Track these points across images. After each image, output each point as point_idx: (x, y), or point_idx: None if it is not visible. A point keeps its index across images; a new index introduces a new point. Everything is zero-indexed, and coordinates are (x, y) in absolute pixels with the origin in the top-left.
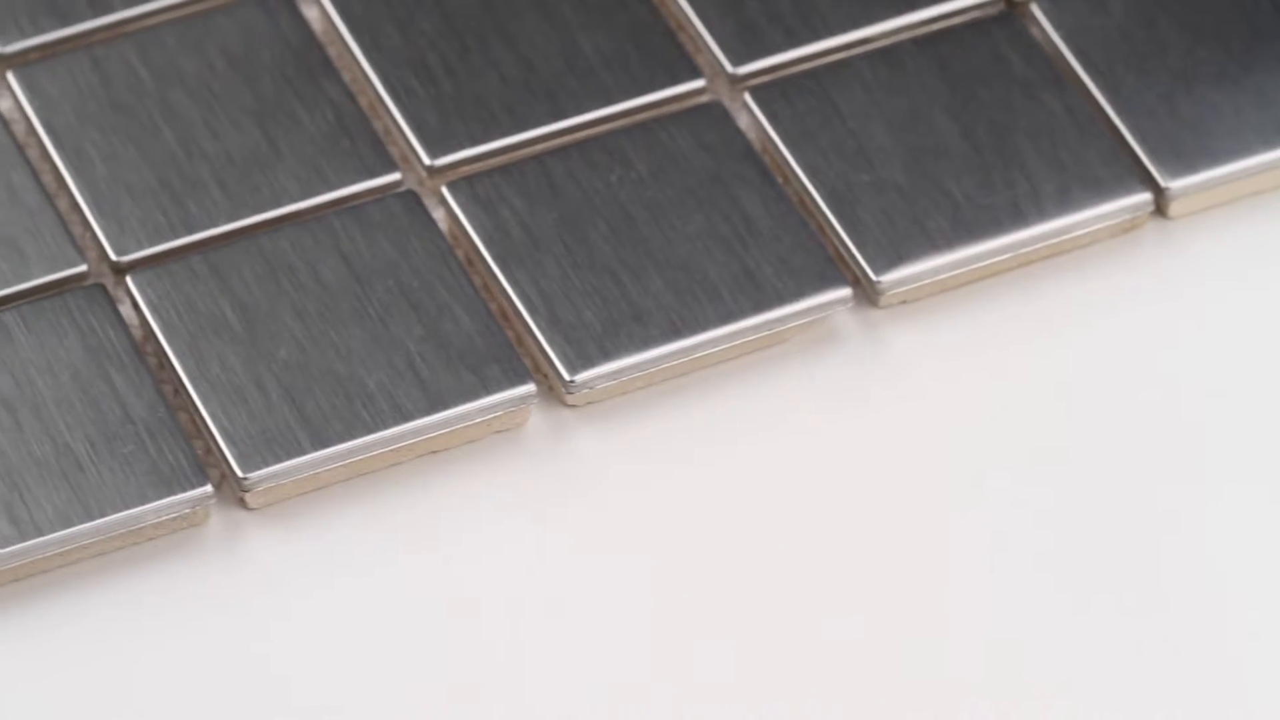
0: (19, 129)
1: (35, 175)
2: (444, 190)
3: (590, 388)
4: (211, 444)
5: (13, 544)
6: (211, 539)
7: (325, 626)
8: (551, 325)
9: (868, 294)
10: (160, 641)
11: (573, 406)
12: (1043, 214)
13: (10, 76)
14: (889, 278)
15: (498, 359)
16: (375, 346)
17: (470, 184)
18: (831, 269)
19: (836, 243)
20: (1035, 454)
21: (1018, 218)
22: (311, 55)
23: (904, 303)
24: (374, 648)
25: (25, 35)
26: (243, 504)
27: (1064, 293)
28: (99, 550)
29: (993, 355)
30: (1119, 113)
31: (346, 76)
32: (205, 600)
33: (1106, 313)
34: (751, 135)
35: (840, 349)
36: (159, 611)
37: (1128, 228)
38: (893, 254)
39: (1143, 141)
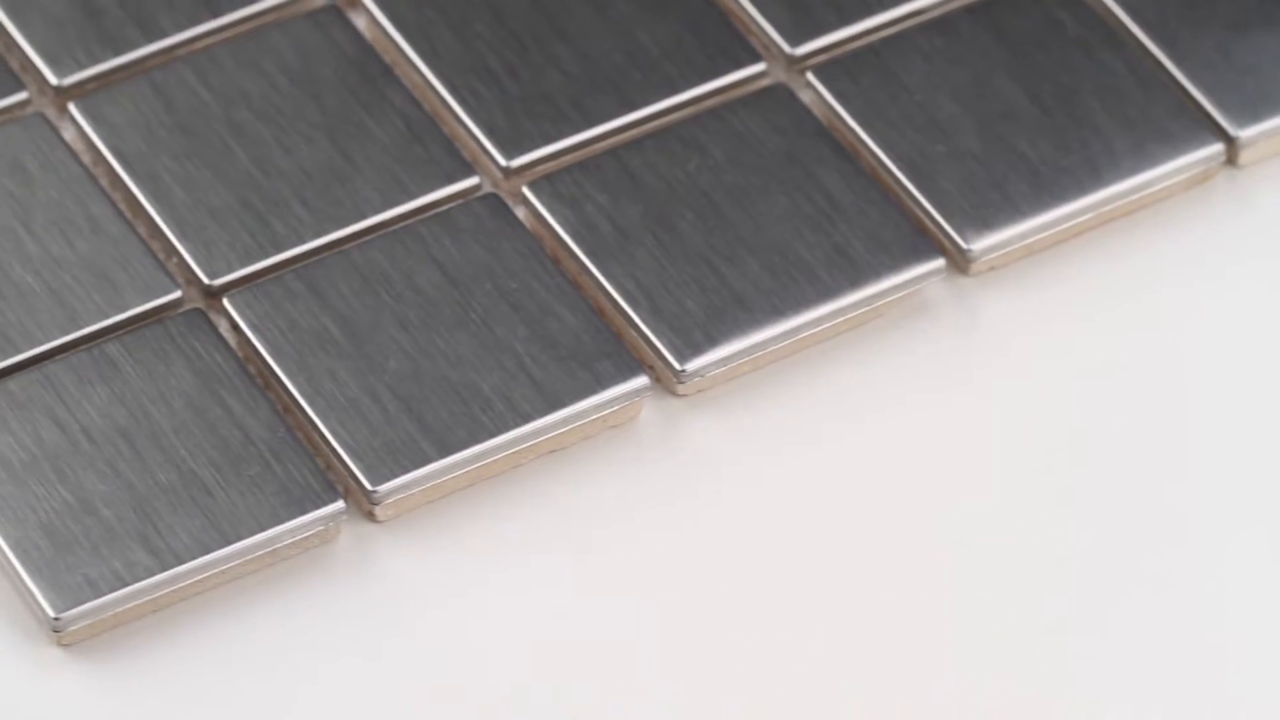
0: (89, 160)
1: (114, 205)
2: (525, 191)
3: (701, 376)
4: (334, 460)
5: (154, 574)
6: (342, 555)
7: (464, 634)
8: (655, 316)
9: (957, 263)
10: (305, 661)
11: (682, 396)
12: (1120, 172)
13: (73, 108)
14: (979, 245)
15: (607, 354)
16: (483, 350)
17: (551, 182)
18: (922, 240)
19: (921, 214)
20: (1141, 412)
21: (1096, 177)
22: (371, 66)
23: (992, 269)
24: (516, 651)
25: (81, 66)
26: (371, 517)
27: (1146, 248)
28: (235, 574)
29: (1085, 316)
30: (1178, 66)
31: (408, 84)
32: (346, 616)
33: (1191, 265)
34: (819, 114)
35: (936, 320)
36: (301, 630)
37: (1200, 179)
38: (979, 221)
39: (1206, 93)
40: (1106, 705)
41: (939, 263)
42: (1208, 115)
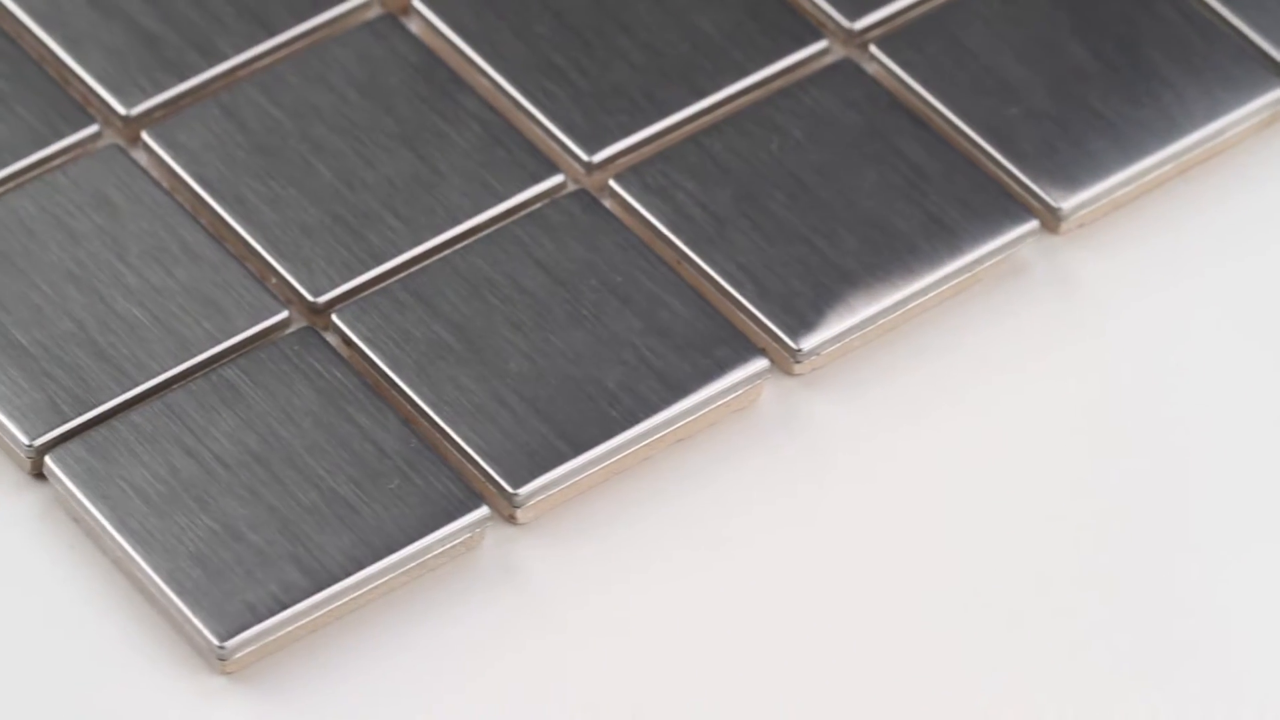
0: (171, 187)
1: (205, 230)
2: (612, 184)
3: (817, 354)
4: (470, 466)
5: (310, 594)
6: (488, 560)
7: (614, 630)
8: (763, 298)
9: (1047, 223)
10: (465, 668)
11: (797, 376)
12: (1194, 121)
13: (146, 137)
14: (1069, 204)
15: (723, 339)
16: (601, 346)
17: (637, 174)
18: (1013, 204)
19: (1006, 177)
20: (1246, 352)
21: (1173, 128)
22: (437, 72)
23: (1080, 226)
24: (666, 645)
25: (147, 95)
26: (511, 520)
27: (1227, 197)
28: (388, 588)
29: (1179, 267)
30: (1233, 12)
31: (477, 88)
32: (500, 621)
33: (1275, 211)
34: (888, 85)
35: (1032, 281)
36: (458, 639)
37: (1270, 121)
38: (1065, 180)
39: (1265, 35)
40: None
41: (1033, 224)
42: (1269, 58)
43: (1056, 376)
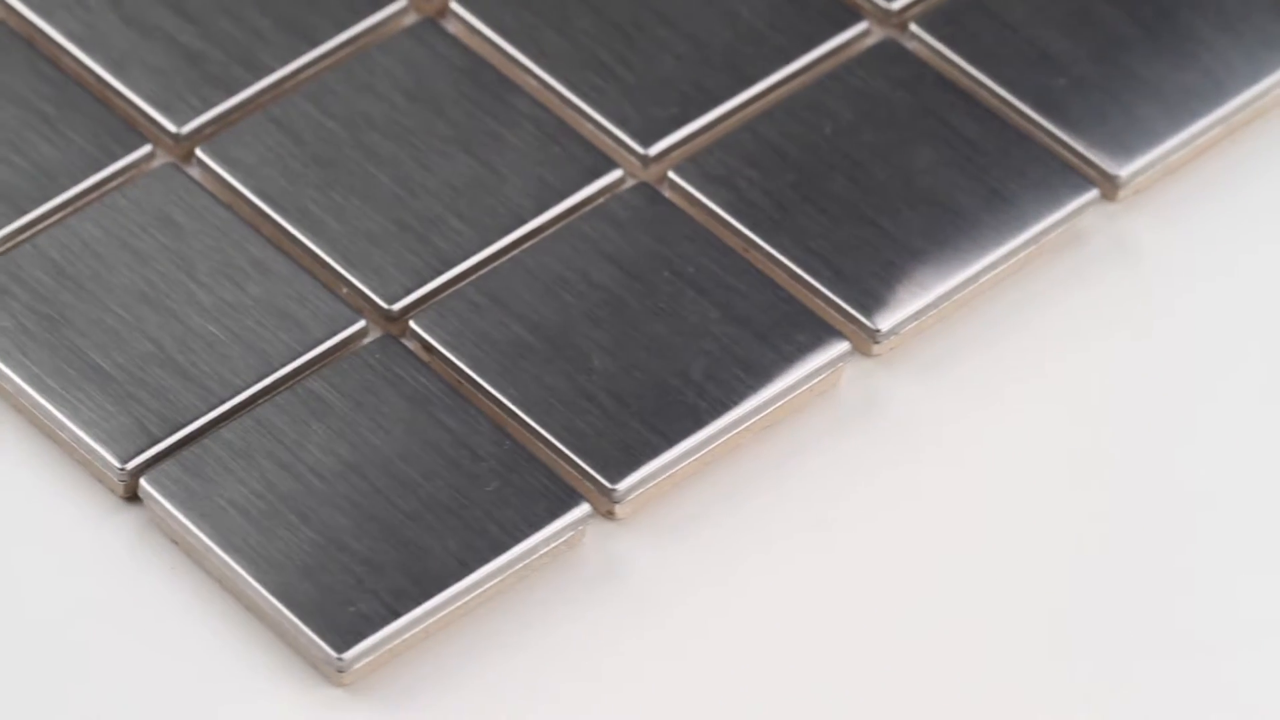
0: (232, 202)
1: (272, 243)
2: (671, 175)
3: (895, 333)
4: (564, 464)
5: (422, 601)
6: (590, 558)
7: (723, 621)
8: (837, 281)
9: (1105, 191)
10: (580, 666)
11: (874, 356)
12: (1240, 81)
13: (201, 154)
14: (1126, 171)
15: (801, 324)
16: (680, 337)
17: (696, 164)
18: (1071, 174)
19: (1060, 147)
20: None
21: (1220, 90)
22: (483, 74)
23: (1136, 193)
24: (774, 634)
25: (196, 112)
26: (610, 516)
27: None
28: (495, 591)
29: (1241, 229)
30: None
31: (525, 88)
32: (609, 617)
33: None
34: (934, 63)
35: (1094, 249)
36: (569, 637)
37: None
38: (1120, 148)
39: None
40: None
41: (1093, 193)
42: None
43: (1128, 345)
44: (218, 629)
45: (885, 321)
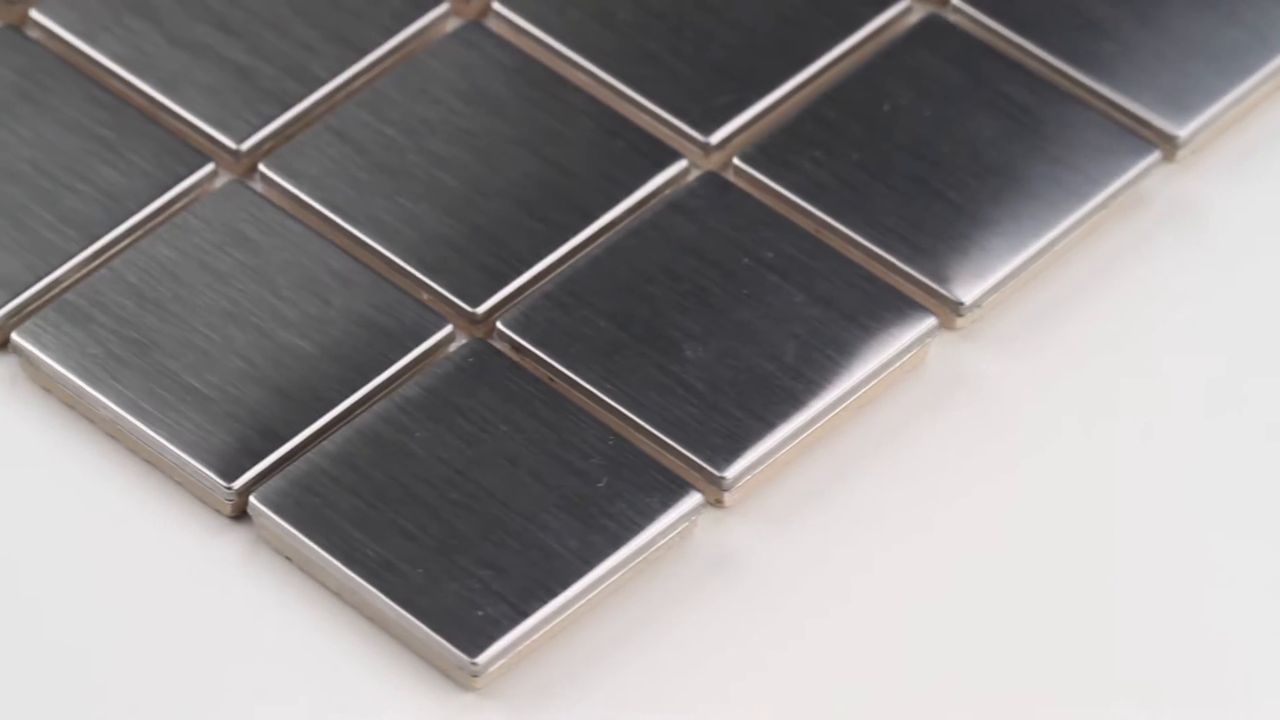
0: (301, 214)
1: (349, 254)
2: (736, 162)
3: (979, 306)
4: (669, 455)
5: (547, 600)
6: (702, 547)
7: (853, 606)
8: (917, 257)
9: (1164, 151)
10: (708, 657)
11: (958, 330)
12: None
13: (265, 168)
14: (1186, 131)
15: (886, 302)
16: (769, 322)
17: (760, 150)
18: (1130, 138)
19: (1118, 113)
20: None
21: (1266, 44)
22: (536, 72)
23: (1194, 153)
24: (897, 614)
25: (254, 127)
26: (718, 505)
27: None
28: (616, 587)
29: None
30: None
31: (578, 84)
32: (733, 608)
33: None
34: (979, 34)
35: (1157, 211)
36: (696, 629)
37: None
38: (1175, 108)
39: None
40: None
41: (1156, 155)
42: None
43: (1201, 306)
44: (341, 642)
45: (968, 294)
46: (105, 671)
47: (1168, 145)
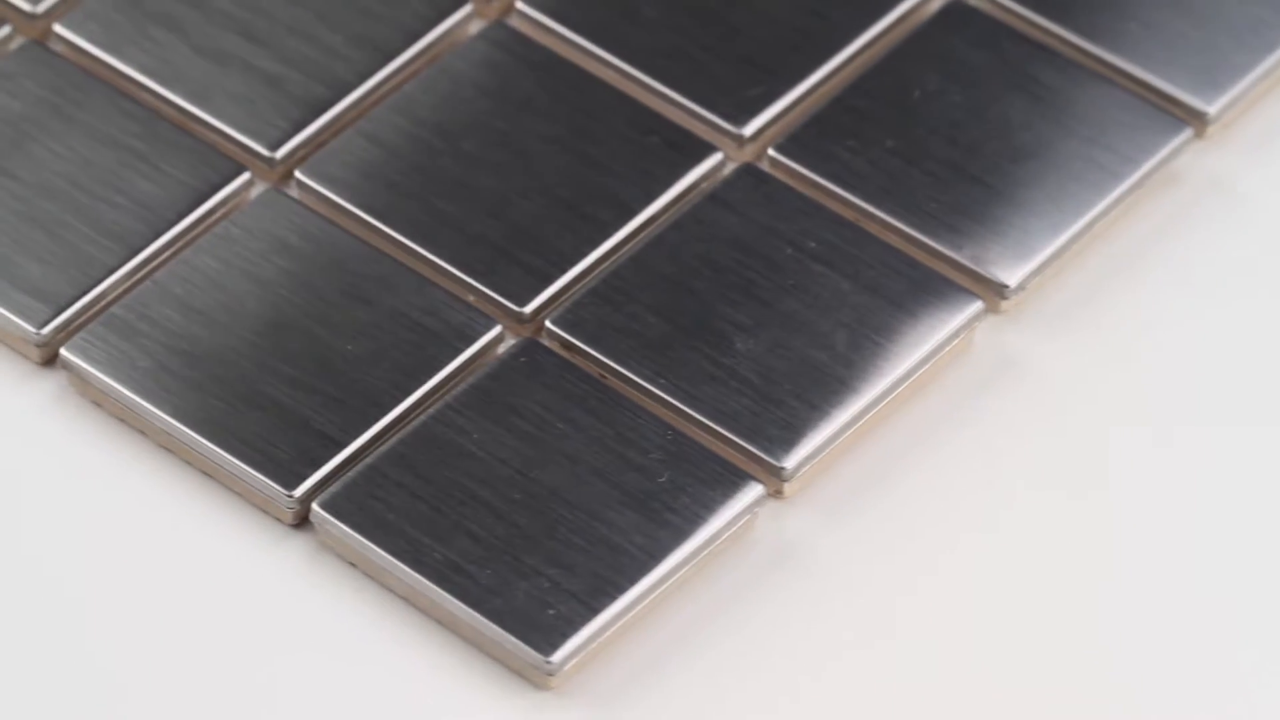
0: (340, 219)
1: (392, 258)
2: (771, 153)
3: (1024, 289)
4: (727, 448)
5: (616, 596)
6: (762, 538)
7: (921, 597)
8: (959, 241)
9: (1195, 128)
10: (779, 652)
11: (1002, 313)
12: None
13: (301, 175)
14: (1215, 107)
15: (931, 287)
16: (816, 312)
17: (794, 140)
18: (1161, 115)
19: (1147, 92)
20: None
21: None
22: (564, 70)
23: (1224, 128)
24: (972, 602)
25: (287, 135)
26: (777, 495)
27: None
28: (681, 581)
29: None
30: None
31: (607, 80)
32: (799, 599)
33: None
34: (1002, 17)
35: (1190, 187)
36: (763, 621)
37: None
38: (1204, 85)
39: None
40: None
41: (1187, 132)
42: None
43: (1240, 282)
44: (411, 646)
45: (1012, 277)
46: (174, 686)
47: (1198, 122)
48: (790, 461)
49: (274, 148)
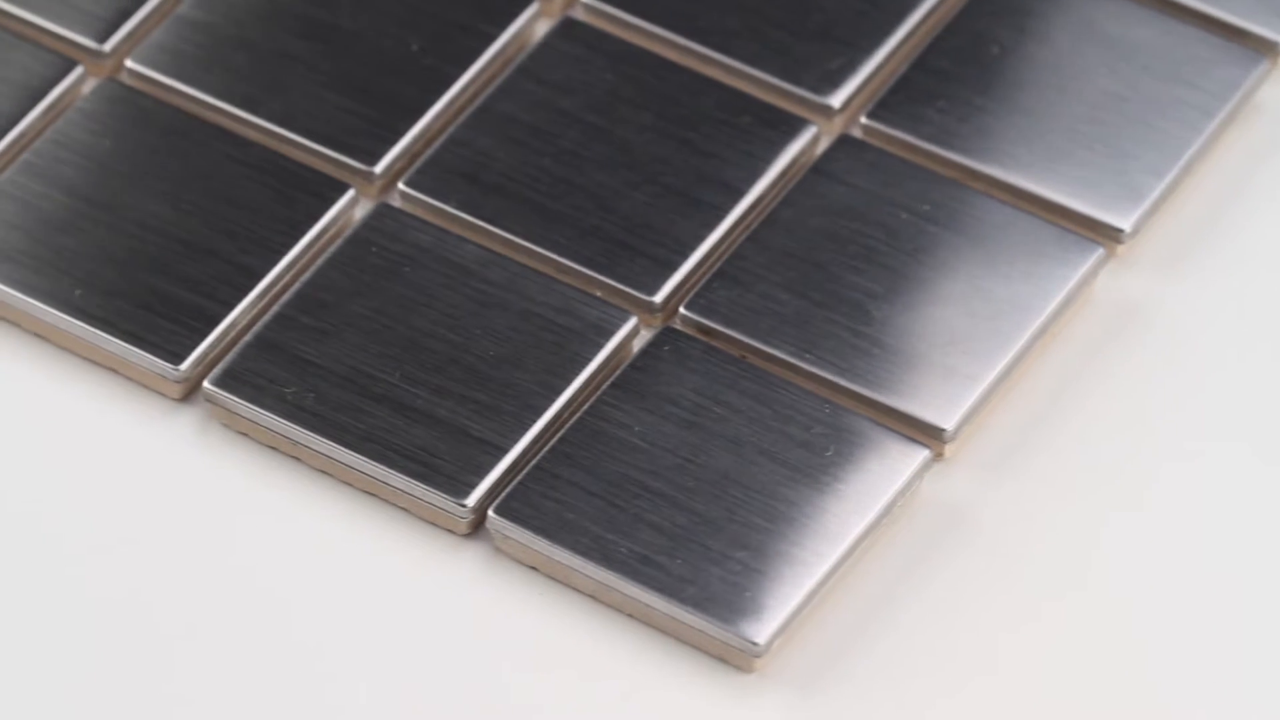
0: (454, 227)
1: (515, 261)
2: (865, 121)
3: (1138, 232)
4: (884, 415)
5: (812, 573)
6: (928, 502)
7: (1101, 556)
8: (1071, 190)
9: (1270, 60)
10: (969, 616)
11: (1118, 257)
12: None
13: (405, 188)
14: None
15: (1051, 239)
16: (943, 273)
17: (885, 107)
18: (1240, 49)
19: (1219, 28)
20: None
21: None
22: (644, 59)
23: None
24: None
25: (381, 150)
26: (939, 458)
27: None
28: (862, 552)
29: None
30: None
31: (687, 64)
32: (980, 564)
33: None
34: None
35: (1269, 118)
36: (950, 587)
37: None
38: (1276, 16)
39: None
40: None
41: (1265, 65)
42: None
43: None
44: (606, 642)
45: (1125, 221)
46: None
47: (1271, 54)
48: (951, 423)
49: (373, 163)
